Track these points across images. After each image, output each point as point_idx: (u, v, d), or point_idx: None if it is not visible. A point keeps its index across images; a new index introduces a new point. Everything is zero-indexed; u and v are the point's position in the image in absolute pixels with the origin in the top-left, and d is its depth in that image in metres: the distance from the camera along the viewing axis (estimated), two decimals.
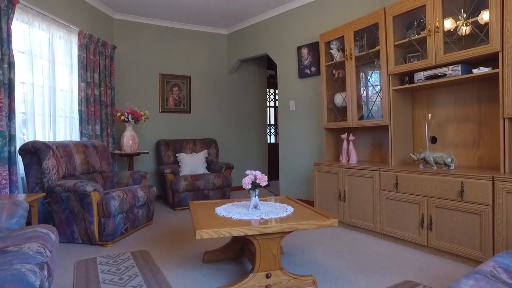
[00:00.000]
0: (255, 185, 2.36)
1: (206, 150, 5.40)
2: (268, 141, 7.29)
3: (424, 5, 2.92)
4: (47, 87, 3.80)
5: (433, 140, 3.28)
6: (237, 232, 1.97)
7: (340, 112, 4.03)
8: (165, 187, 4.87)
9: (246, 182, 2.33)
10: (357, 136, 3.97)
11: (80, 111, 4.21)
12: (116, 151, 4.67)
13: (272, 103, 7.68)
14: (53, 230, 2.02)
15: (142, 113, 4.66)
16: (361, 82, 3.80)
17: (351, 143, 3.81)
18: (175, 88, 5.65)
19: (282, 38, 5.12)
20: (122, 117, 4.51)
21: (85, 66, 4.26)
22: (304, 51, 4.75)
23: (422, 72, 3.01)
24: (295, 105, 4.97)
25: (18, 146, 3.34)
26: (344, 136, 3.87)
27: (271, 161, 7.07)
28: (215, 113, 6.04)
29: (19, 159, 3.28)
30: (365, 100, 3.76)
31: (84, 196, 3.01)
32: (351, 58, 3.69)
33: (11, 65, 3.18)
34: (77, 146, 3.69)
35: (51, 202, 3.13)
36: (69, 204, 3.08)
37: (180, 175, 4.96)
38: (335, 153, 4.21)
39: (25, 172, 3.23)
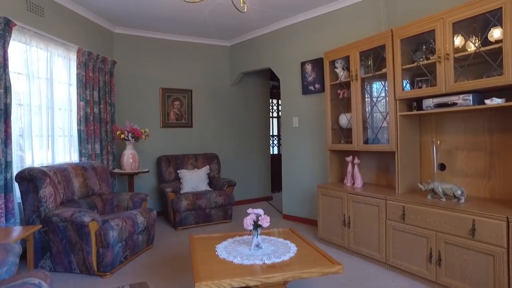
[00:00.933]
0: (257, 225, 2.26)
1: (208, 166, 5.31)
2: (271, 152, 7.18)
3: (434, 30, 2.80)
4: (45, 107, 3.72)
5: (442, 167, 3.17)
6: (238, 283, 1.87)
7: (345, 134, 3.92)
8: (167, 206, 4.79)
9: (248, 223, 2.23)
10: (363, 157, 3.86)
11: (79, 131, 4.12)
12: (116, 170, 4.59)
13: (275, 114, 7.57)
14: (46, 277, 1.93)
15: (143, 131, 4.57)
16: (366, 104, 3.69)
17: (356, 166, 3.70)
18: (176, 102, 5.56)
19: (285, 52, 5.01)
20: (122, 136, 4.43)
21: (84, 84, 4.18)
22: (308, 67, 4.64)
23: (431, 99, 2.90)
24: (299, 121, 4.86)
25: (15, 170, 3.27)
26: (349, 159, 3.76)
27: (274, 172, 6.98)
28: (217, 126, 5.95)
29: (16, 185, 3.20)
30: (371, 123, 3.64)
31: (81, 226, 2.92)
32: (356, 79, 3.58)
33: (7, 90, 3.10)
34: (75, 169, 3.61)
35: (48, 231, 3.05)
36: (66, 234, 2.99)
37: (182, 192, 4.87)
38: (340, 174, 4.10)
39: (21, 199, 3.15)
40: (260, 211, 2.32)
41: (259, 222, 2.23)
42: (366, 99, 3.69)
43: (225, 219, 4.87)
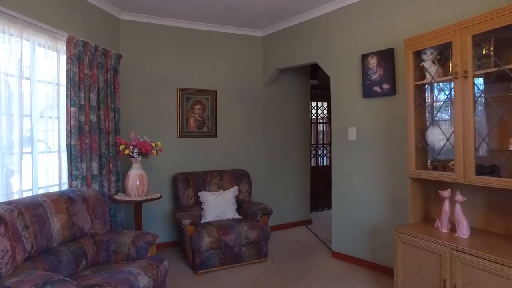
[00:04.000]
0: None
1: (236, 187, 4.21)
2: (311, 164, 5.97)
3: None
4: (17, 114, 2.71)
5: None
6: None
7: (436, 155, 2.72)
8: (184, 241, 3.74)
9: None
10: (464, 189, 2.63)
11: (69, 146, 3.11)
12: (120, 196, 3.53)
13: (314, 118, 6.37)
14: None
15: (153, 145, 3.51)
16: (480, 115, 2.47)
17: (458, 206, 2.49)
18: (198, 106, 4.49)
19: (338, 42, 3.83)
20: (127, 151, 3.39)
21: (77, 84, 3.16)
22: (372, 61, 3.45)
23: None
24: (356, 133, 3.68)
25: None
26: (445, 194, 2.55)
27: (314, 188, 5.81)
28: (247, 134, 4.84)
29: None
30: (489, 143, 2.43)
31: None
32: (465, 76, 2.37)
33: None
34: (56, 203, 2.58)
35: None
36: None
37: (203, 221, 3.82)
38: (425, 213, 2.90)
39: None
40: None
41: None
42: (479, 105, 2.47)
43: (258, 258, 3.77)
